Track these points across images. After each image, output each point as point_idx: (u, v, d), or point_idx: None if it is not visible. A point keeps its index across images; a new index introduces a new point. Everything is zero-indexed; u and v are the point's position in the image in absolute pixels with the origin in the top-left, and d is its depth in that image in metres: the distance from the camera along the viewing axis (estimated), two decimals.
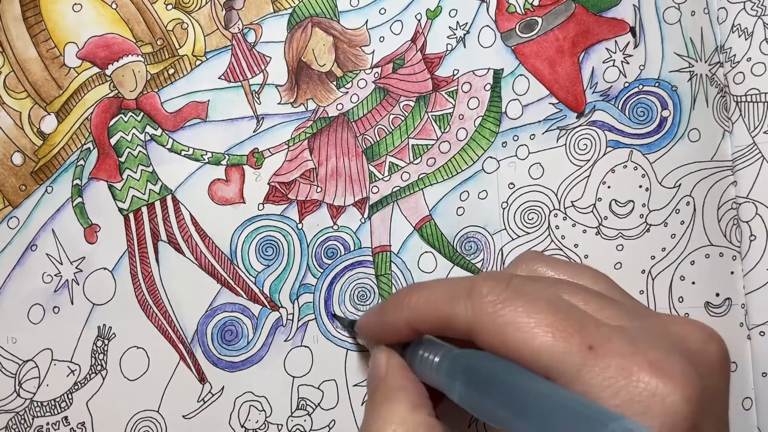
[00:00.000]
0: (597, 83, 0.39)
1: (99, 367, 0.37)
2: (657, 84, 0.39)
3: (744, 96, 0.40)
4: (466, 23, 0.39)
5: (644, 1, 0.39)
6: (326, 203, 0.38)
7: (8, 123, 0.37)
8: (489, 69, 0.39)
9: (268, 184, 0.38)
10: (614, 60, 0.39)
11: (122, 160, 0.37)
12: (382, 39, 0.39)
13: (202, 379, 0.37)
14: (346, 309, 0.38)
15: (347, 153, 0.39)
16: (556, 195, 0.39)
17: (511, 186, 0.39)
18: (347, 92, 0.39)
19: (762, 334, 0.39)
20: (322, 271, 0.38)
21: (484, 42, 0.39)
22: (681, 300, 0.39)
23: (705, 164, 0.40)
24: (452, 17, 0.39)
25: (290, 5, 0.38)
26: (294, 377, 0.38)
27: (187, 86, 0.38)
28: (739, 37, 0.40)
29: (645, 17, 0.39)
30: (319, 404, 0.38)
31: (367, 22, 0.39)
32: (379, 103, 0.39)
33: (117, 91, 0.37)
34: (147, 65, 0.37)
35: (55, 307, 0.37)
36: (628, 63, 0.39)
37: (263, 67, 0.38)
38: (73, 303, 0.37)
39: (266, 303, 0.38)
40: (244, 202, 0.38)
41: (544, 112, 0.39)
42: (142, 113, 0.37)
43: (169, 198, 0.38)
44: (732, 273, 0.40)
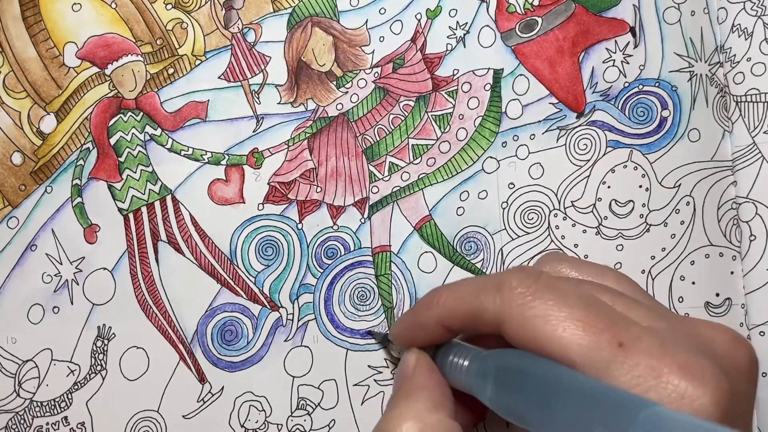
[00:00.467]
0: (597, 83, 0.39)
1: (99, 367, 0.37)
2: (657, 84, 0.39)
3: (744, 96, 0.40)
4: (466, 23, 0.39)
5: (644, 1, 0.39)
6: (326, 203, 0.38)
7: (8, 123, 0.37)
8: (489, 69, 0.39)
9: (268, 184, 0.38)
10: (614, 60, 0.39)
11: (122, 160, 0.37)
12: (382, 39, 0.39)
13: (201, 379, 0.37)
14: (346, 309, 0.38)
15: (347, 153, 0.39)
16: (556, 195, 0.39)
17: (511, 186, 0.39)
18: (347, 92, 0.39)
19: (762, 334, 0.39)
20: (322, 271, 0.38)
21: (484, 42, 0.39)
22: (681, 300, 0.39)
23: (705, 164, 0.40)
24: (452, 17, 0.39)
25: (290, 5, 0.38)
26: (294, 377, 0.38)
27: (186, 86, 0.38)
28: (739, 37, 0.40)
29: (645, 17, 0.39)
30: (319, 404, 0.38)
31: (367, 21, 0.38)
32: (379, 103, 0.39)
33: (116, 91, 0.37)
34: (146, 65, 0.37)
35: (55, 307, 0.37)
36: (628, 63, 0.39)
37: (263, 67, 0.38)
38: (72, 303, 0.37)
39: (266, 303, 0.38)
40: (244, 202, 0.38)
41: (544, 112, 0.39)
42: (142, 113, 0.37)
43: (168, 198, 0.38)
44: (732, 273, 0.40)
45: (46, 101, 0.37)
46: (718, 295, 0.39)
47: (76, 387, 0.37)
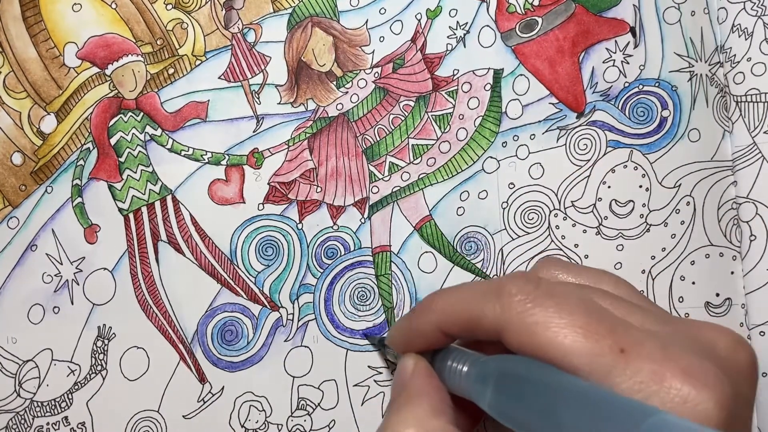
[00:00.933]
0: (597, 83, 0.39)
1: (99, 367, 0.37)
2: (657, 84, 0.39)
3: (744, 96, 0.40)
4: (466, 23, 0.39)
5: (644, 1, 0.39)
6: (326, 203, 0.38)
7: (8, 123, 0.37)
8: (489, 69, 0.39)
9: (268, 184, 0.38)
10: (614, 60, 0.39)
11: (122, 160, 0.37)
12: (382, 39, 0.39)
13: (202, 379, 0.37)
14: (346, 309, 0.38)
15: (347, 153, 0.39)
16: (556, 195, 0.39)
17: (511, 186, 0.39)
18: (347, 92, 0.39)
19: (762, 334, 0.39)
20: (322, 271, 0.38)
21: (484, 42, 0.39)
22: (681, 300, 0.39)
23: (705, 164, 0.40)
24: (452, 17, 0.39)
25: (290, 5, 0.38)
26: (294, 377, 0.38)
27: (186, 86, 0.38)
28: (739, 37, 0.40)
29: (645, 17, 0.39)
30: (319, 404, 0.38)
31: (367, 21, 0.38)
32: (379, 103, 0.39)
33: (117, 91, 0.37)
34: (147, 65, 0.37)
35: (55, 307, 0.37)
36: (628, 63, 0.39)
37: (263, 67, 0.38)
38: (73, 303, 0.37)
39: (266, 303, 0.38)
40: (244, 202, 0.38)
41: (544, 112, 0.39)
42: (142, 113, 0.37)
43: (169, 198, 0.38)
44: (732, 273, 0.40)
45: (47, 101, 0.37)
46: (718, 295, 0.39)
47: (76, 387, 0.37)
